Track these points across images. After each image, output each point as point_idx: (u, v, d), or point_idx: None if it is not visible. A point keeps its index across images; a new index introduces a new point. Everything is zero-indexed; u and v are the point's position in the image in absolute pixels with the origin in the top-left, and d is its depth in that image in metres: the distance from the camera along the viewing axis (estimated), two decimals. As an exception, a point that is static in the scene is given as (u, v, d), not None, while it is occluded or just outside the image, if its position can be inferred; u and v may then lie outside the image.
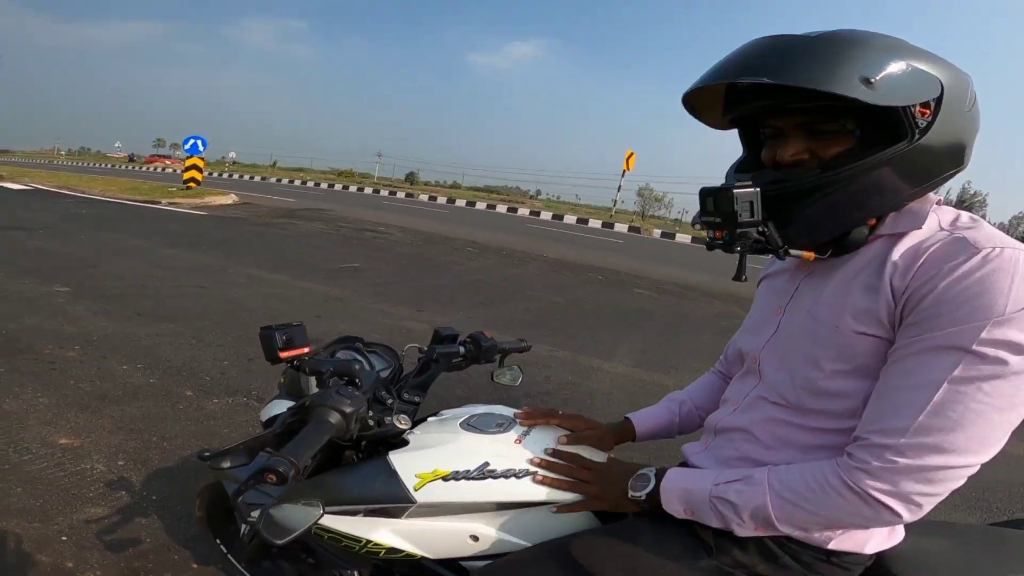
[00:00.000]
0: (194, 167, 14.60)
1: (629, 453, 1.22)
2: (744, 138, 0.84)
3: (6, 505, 1.88)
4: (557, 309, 5.78)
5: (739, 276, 0.76)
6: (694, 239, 19.16)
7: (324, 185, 29.61)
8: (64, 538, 1.76)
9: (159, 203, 11.95)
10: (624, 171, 23.16)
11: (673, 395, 1.07)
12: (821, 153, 0.70)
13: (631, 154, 23.04)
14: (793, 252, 0.72)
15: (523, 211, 22.77)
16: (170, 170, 30.98)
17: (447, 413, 1.06)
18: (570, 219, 20.91)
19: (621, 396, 3.49)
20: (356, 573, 1.09)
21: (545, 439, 0.94)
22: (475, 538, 0.88)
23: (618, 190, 24.30)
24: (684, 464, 0.89)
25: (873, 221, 0.71)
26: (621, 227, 20.22)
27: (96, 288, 4.62)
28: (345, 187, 29.16)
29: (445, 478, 0.87)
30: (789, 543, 0.73)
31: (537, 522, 0.87)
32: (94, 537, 1.78)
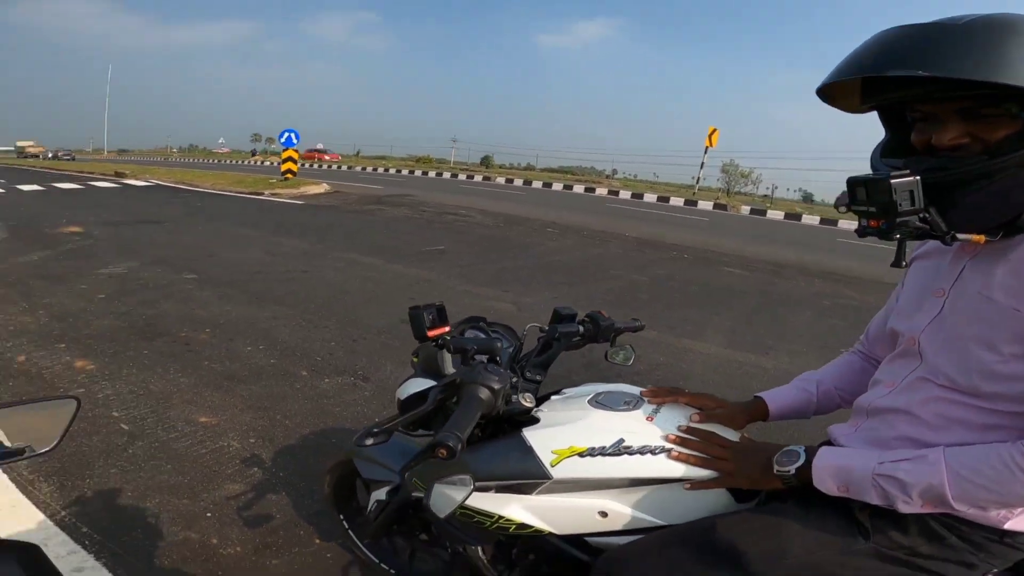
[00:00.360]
0: (290, 159, 15.64)
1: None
2: (886, 120, 0.81)
3: (159, 482, 2.05)
4: (641, 288, 5.68)
5: (899, 263, 0.74)
6: (787, 215, 17.92)
7: (404, 171, 30.65)
8: (209, 514, 1.88)
9: (262, 194, 12.95)
10: (707, 147, 22.19)
11: (807, 375, 1.05)
12: (984, 137, 0.68)
13: (714, 130, 22.04)
14: (961, 237, 0.69)
15: (601, 191, 22.35)
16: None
17: (570, 391, 1.09)
18: (650, 198, 20.26)
19: (716, 378, 3.39)
20: (480, 548, 1.15)
21: (676, 417, 0.95)
22: (604, 514, 0.90)
23: (701, 167, 23.22)
24: (829, 444, 0.87)
25: None
26: (705, 204, 19.32)
27: (218, 275, 5.13)
28: (424, 172, 30.03)
29: (581, 454, 0.89)
30: (958, 523, 0.72)
31: (669, 499, 0.88)
32: (234, 514, 1.89)
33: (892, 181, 0.67)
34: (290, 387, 2.87)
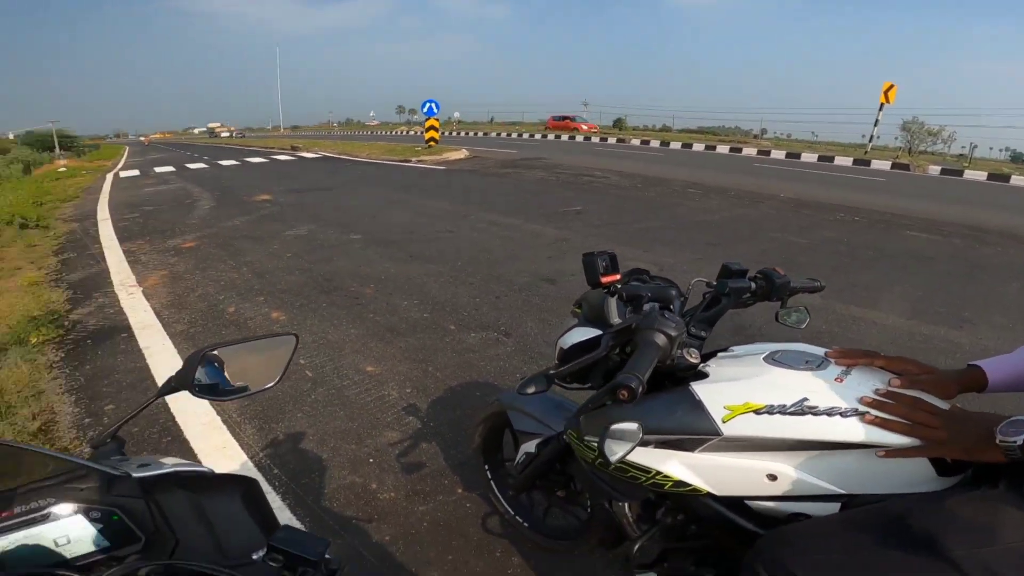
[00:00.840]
0: (432, 128, 16.55)
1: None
2: None
3: (334, 428, 2.22)
4: (801, 250, 5.13)
5: None
6: (991, 176, 14.78)
7: (538, 136, 30.69)
8: (371, 460, 2.02)
9: (410, 161, 13.92)
10: (882, 104, 19.11)
11: None
12: None
13: (890, 86, 18.86)
14: None
15: (748, 151, 20.34)
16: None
17: (738, 349, 1.03)
18: (809, 157, 17.99)
19: (894, 351, 2.98)
20: (627, 505, 1.13)
21: (871, 380, 0.85)
22: (772, 477, 0.84)
23: (875, 124, 20.03)
24: None
25: None
26: (881, 164, 16.66)
27: (379, 234, 5.66)
28: (557, 136, 29.79)
29: (757, 411, 0.84)
30: None
31: (855, 466, 0.80)
32: (392, 460, 2.02)
33: None
34: (440, 340, 3.06)
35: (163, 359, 2.88)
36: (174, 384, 0.77)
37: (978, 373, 0.87)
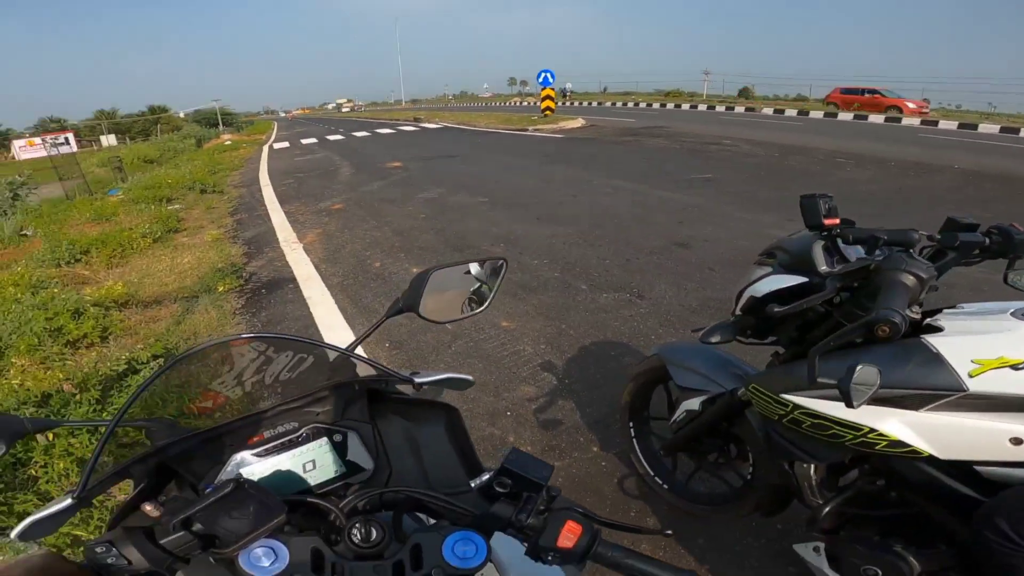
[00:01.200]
0: (548, 98, 16.41)
1: None
2: None
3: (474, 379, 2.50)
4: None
5: None
6: None
7: (656, 105, 29.24)
8: (508, 413, 2.05)
9: (527, 130, 14.00)
10: None
11: None
12: None
13: None
14: None
15: (909, 121, 17.77)
16: (525, 103, 35.20)
17: (970, 307, 0.92)
18: (989, 128, 15.32)
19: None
20: (812, 468, 1.06)
21: None
22: (1018, 441, 0.76)
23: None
24: None
25: None
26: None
27: (504, 198, 5.79)
28: (677, 106, 28.17)
29: (1015, 367, 0.76)
30: None
31: None
32: (529, 415, 2.04)
33: None
34: (572, 300, 3.08)
35: (324, 308, 3.19)
36: (401, 306, 0.79)
37: None
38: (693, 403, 1.35)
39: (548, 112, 16.28)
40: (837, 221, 0.93)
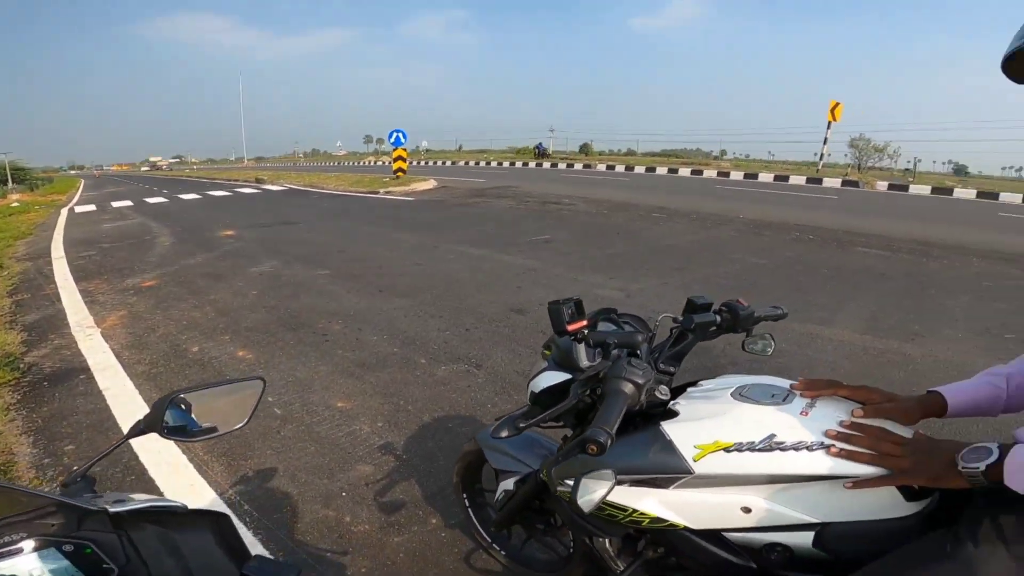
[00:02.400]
0: (400, 158, 16.63)
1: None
2: None
3: (304, 462, 2.22)
4: (761, 271, 5.31)
5: None
6: (936, 190, 15.68)
7: (505, 163, 31.15)
8: (344, 494, 2.03)
9: (378, 193, 13.89)
10: (829, 122, 20.24)
11: (994, 369, 0.93)
12: None
13: (836, 104, 20.03)
14: None
15: (709, 173, 21.08)
16: (379, 163, 35.28)
17: (707, 384, 1.04)
18: (766, 177, 18.76)
19: (849, 366, 3.10)
20: (608, 540, 1.14)
21: (836, 412, 0.88)
22: (747, 510, 0.86)
23: (824, 143, 21.13)
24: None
25: None
26: (832, 182, 17.52)
27: (347, 269, 5.61)
28: (524, 164, 30.29)
29: (727, 449, 0.85)
30: None
31: (825, 496, 0.83)
32: (365, 493, 2.03)
33: None
34: (411, 374, 3.05)
35: (125, 400, 2.80)
36: (143, 427, 0.79)
37: (938, 399, 0.90)
38: (508, 483, 1.41)
39: (400, 174, 16.44)
40: (582, 324, 1.01)
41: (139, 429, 0.80)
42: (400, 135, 16.75)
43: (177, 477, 2.14)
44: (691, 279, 5.01)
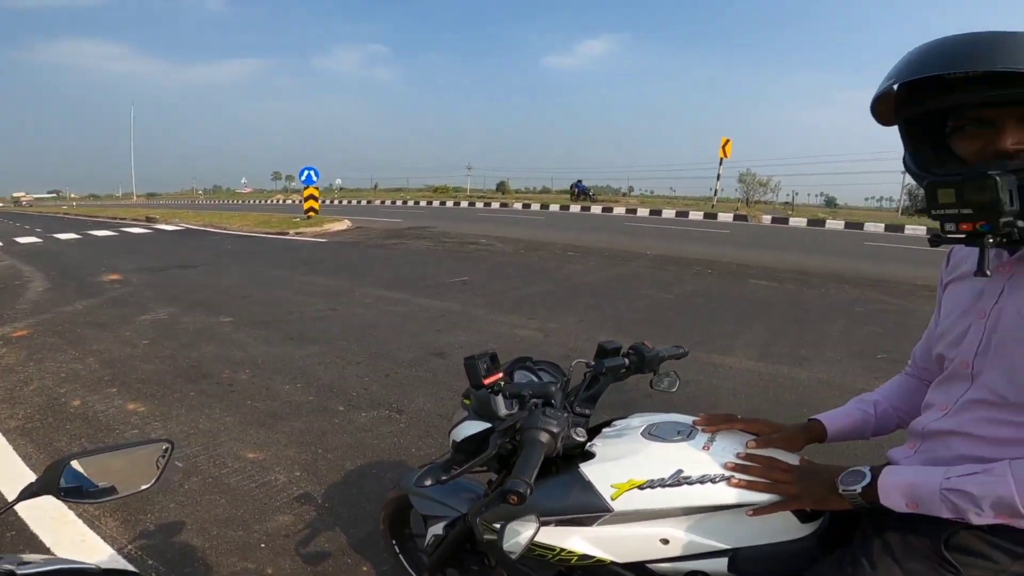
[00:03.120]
0: (312, 197, 16.11)
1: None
2: (911, 132, 0.82)
3: (215, 515, 2.14)
4: (668, 305, 5.67)
5: (983, 270, 0.70)
6: (811, 222, 17.68)
7: (423, 202, 31.18)
8: (263, 545, 1.97)
9: (288, 233, 13.32)
10: (721, 159, 22.23)
11: (864, 396, 1.06)
12: None
13: (727, 141, 22.10)
14: None
15: (619, 210, 22.38)
16: (289, 201, 34.16)
17: (620, 423, 1.11)
18: (668, 213, 20.22)
19: (748, 392, 3.36)
20: None
21: (733, 444, 0.97)
22: (665, 541, 0.92)
23: (717, 179, 23.24)
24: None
25: None
26: (725, 216, 19.22)
27: (253, 316, 5.29)
28: (442, 203, 30.51)
29: (641, 487, 0.92)
30: None
31: (732, 523, 0.90)
32: (286, 544, 1.98)
33: (998, 178, 0.65)
34: (329, 422, 2.95)
35: None
36: (36, 489, 0.77)
37: (819, 426, 1.02)
38: (438, 528, 1.39)
39: (312, 213, 15.90)
40: (498, 377, 1.04)
41: (31, 491, 0.77)
42: (312, 173, 16.27)
43: (63, 532, 2.02)
44: (606, 316, 5.23)
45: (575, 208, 23.84)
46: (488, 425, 1.08)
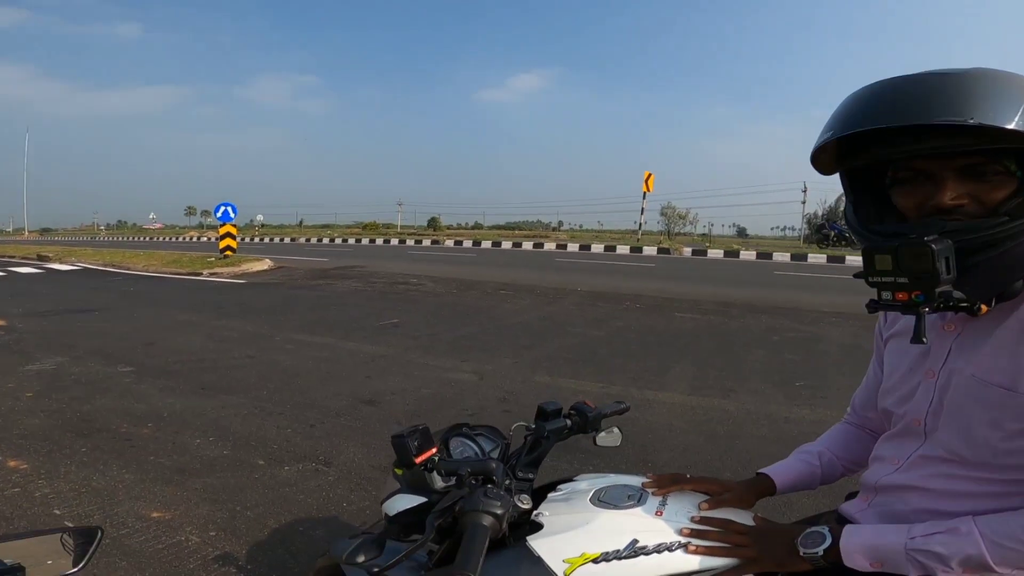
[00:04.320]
0: (228, 235, 15.22)
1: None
2: (851, 182, 0.80)
3: None
4: (600, 343, 5.75)
5: (920, 338, 0.67)
6: (727, 253, 18.93)
7: (351, 240, 30.49)
8: None
9: (201, 274, 12.47)
10: (644, 192, 23.37)
11: (805, 447, 1.06)
12: (984, 198, 0.67)
13: (649, 175, 23.31)
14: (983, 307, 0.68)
15: (549, 245, 22.97)
16: (204, 238, 32.27)
17: (566, 488, 1.06)
18: (597, 248, 21.00)
19: (683, 426, 3.41)
20: None
21: (686, 507, 0.93)
22: None
23: (641, 212, 24.42)
24: (844, 521, 0.88)
25: None
26: (650, 250, 20.20)
27: (158, 365, 4.81)
28: (371, 240, 29.97)
29: (595, 560, 0.86)
30: None
31: None
32: None
33: (934, 247, 0.62)
34: (247, 477, 2.76)
35: None
36: None
37: (767, 480, 1.00)
38: None
39: (229, 252, 15.01)
40: (431, 452, 0.96)
41: None
42: (229, 209, 15.42)
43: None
44: (540, 356, 5.21)
45: (507, 245, 24.09)
46: (424, 499, 1.00)
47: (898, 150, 0.69)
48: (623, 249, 20.42)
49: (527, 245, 23.76)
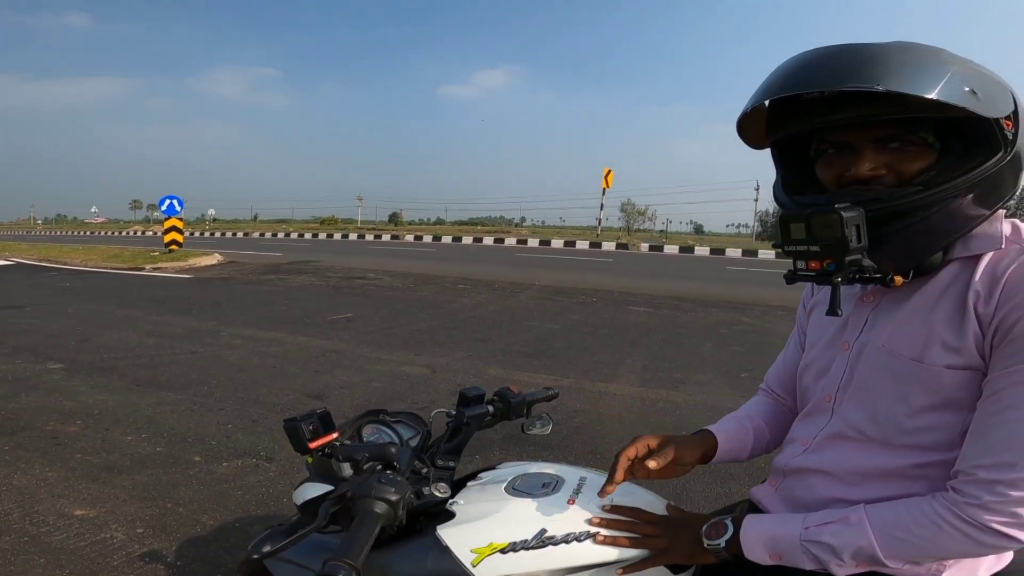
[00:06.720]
0: (174, 228, 14.53)
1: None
2: (781, 156, 0.79)
3: None
4: (555, 336, 5.78)
5: (835, 310, 0.66)
6: (682, 249, 19.42)
7: (308, 235, 29.66)
8: None
9: (143, 269, 11.88)
10: (604, 188, 23.57)
11: (733, 414, 1.01)
12: (901, 168, 0.66)
13: (609, 171, 23.49)
14: (898, 279, 0.66)
15: (510, 241, 22.96)
16: (150, 233, 30.74)
17: (486, 476, 1.03)
18: (557, 243, 21.13)
19: (632, 418, 3.47)
20: None
21: (598, 496, 0.91)
22: None
23: (600, 208, 24.71)
24: (753, 508, 0.86)
25: None
26: (609, 245, 20.50)
27: (90, 362, 4.55)
28: (329, 235, 29.23)
29: (503, 550, 0.83)
30: None
31: None
32: None
33: (843, 214, 0.61)
34: (182, 474, 2.66)
35: None
36: None
37: (710, 436, 0.93)
38: None
39: (175, 247, 14.34)
40: (329, 438, 0.91)
41: None
42: (175, 202, 14.70)
43: None
44: (494, 349, 5.20)
45: (468, 240, 24.00)
46: (332, 487, 0.96)
47: (816, 120, 0.68)
48: (583, 244, 20.65)
49: (488, 240, 23.69)
